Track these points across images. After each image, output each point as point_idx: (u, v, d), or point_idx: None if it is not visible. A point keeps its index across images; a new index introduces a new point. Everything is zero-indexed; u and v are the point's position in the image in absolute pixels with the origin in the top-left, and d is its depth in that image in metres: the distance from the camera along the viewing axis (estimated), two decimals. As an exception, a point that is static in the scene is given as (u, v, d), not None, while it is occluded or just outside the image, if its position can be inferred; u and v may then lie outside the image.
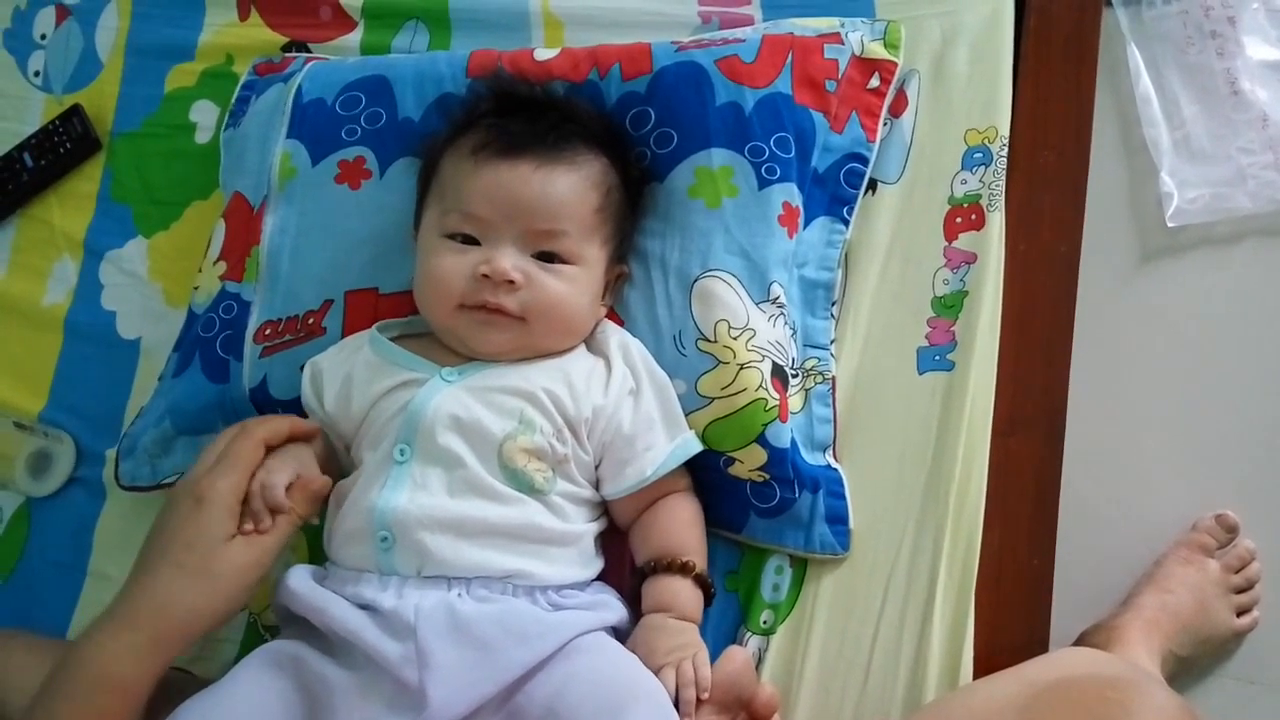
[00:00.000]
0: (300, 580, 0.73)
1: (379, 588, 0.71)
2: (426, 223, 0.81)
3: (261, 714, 0.67)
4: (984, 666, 0.75)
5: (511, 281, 0.75)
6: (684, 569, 0.76)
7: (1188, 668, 0.96)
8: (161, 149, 1.09)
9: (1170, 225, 1.08)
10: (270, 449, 0.76)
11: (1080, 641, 0.95)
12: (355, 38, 1.07)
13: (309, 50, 1.08)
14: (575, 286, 0.78)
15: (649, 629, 0.75)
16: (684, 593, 0.76)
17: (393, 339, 0.82)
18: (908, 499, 0.81)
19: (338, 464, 0.82)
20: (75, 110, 1.11)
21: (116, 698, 0.67)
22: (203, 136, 1.08)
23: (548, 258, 0.77)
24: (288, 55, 1.07)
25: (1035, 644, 0.79)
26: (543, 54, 0.93)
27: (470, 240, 0.77)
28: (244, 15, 1.11)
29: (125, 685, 0.67)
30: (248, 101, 1.01)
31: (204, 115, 1.08)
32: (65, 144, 1.11)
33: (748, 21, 0.98)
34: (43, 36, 1.18)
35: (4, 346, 1.07)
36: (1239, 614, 0.98)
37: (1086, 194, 0.91)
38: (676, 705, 0.69)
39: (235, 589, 0.71)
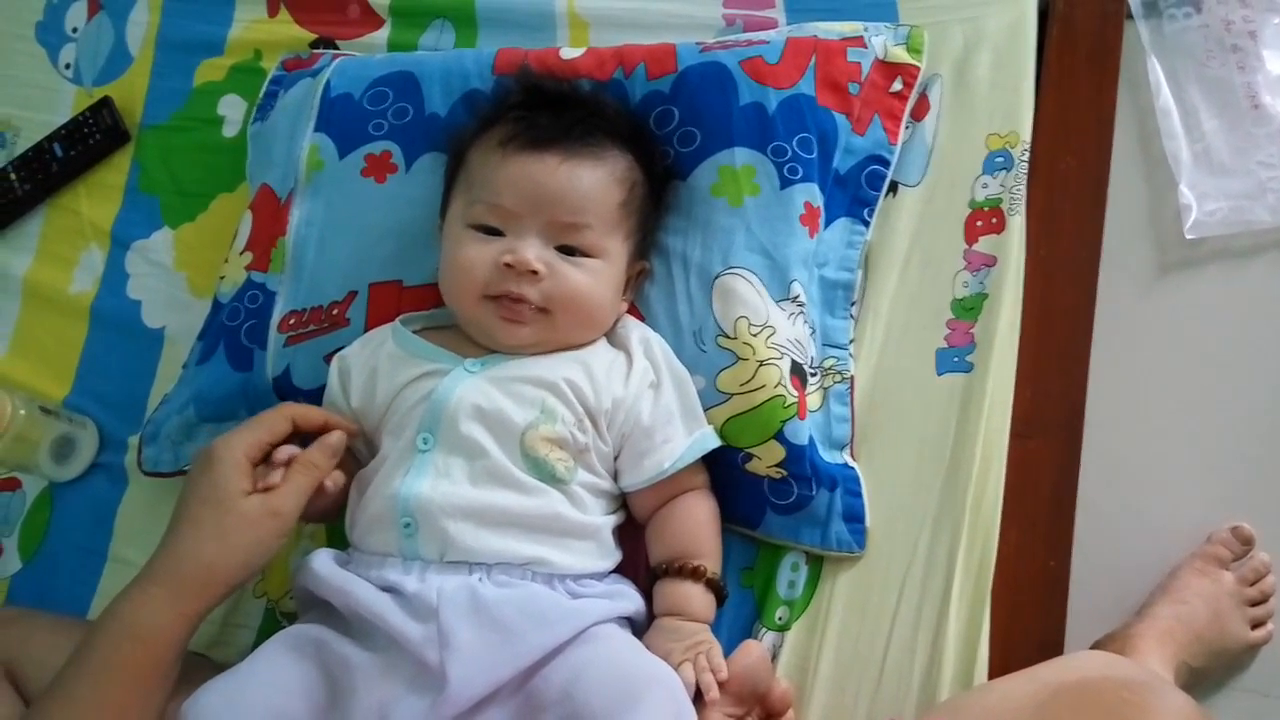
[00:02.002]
0: (323, 563, 0.74)
1: (402, 571, 0.72)
2: (452, 213, 0.81)
3: (283, 695, 0.68)
4: (999, 668, 0.76)
5: (534, 271, 0.76)
6: (695, 574, 0.77)
7: (1201, 679, 0.96)
8: (189, 142, 1.11)
9: (1189, 237, 1.08)
10: (299, 431, 0.77)
11: (1094, 649, 0.95)
12: (382, 35, 1.09)
13: (336, 47, 1.09)
14: (597, 279, 0.78)
15: (663, 631, 0.75)
16: (696, 597, 0.77)
17: (416, 331, 0.83)
18: (925, 499, 0.81)
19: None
20: (105, 102, 1.13)
21: (140, 648, 0.68)
22: (230, 130, 1.09)
23: (570, 251, 0.78)
24: (315, 51, 1.08)
25: (1050, 646, 0.79)
26: (569, 53, 0.94)
27: (495, 231, 0.78)
28: (273, 12, 1.13)
29: (148, 636, 0.68)
30: (275, 96, 1.03)
31: (232, 109, 1.10)
32: (95, 135, 1.12)
33: (772, 24, 1.00)
34: (74, 29, 1.20)
35: (31, 333, 1.08)
36: (1253, 627, 0.97)
37: (1107, 203, 0.92)
38: (695, 702, 0.70)
39: (248, 542, 0.71)
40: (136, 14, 1.17)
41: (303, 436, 0.78)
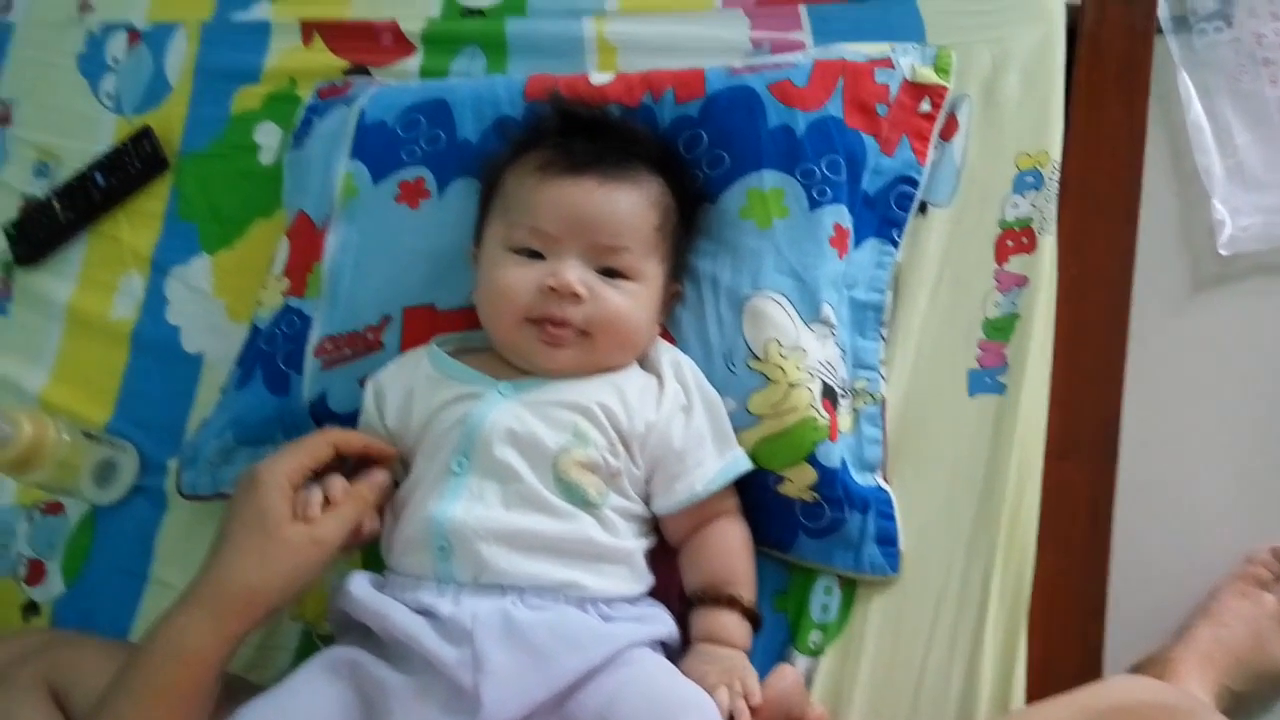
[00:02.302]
0: (360, 586, 0.75)
1: (437, 594, 0.72)
2: (490, 237, 0.82)
3: (321, 717, 0.68)
4: (1036, 692, 0.75)
5: (576, 294, 0.76)
6: (729, 602, 0.77)
7: (1243, 704, 0.94)
8: (227, 169, 1.13)
9: (1223, 253, 1.06)
10: (340, 456, 0.78)
11: (1133, 673, 0.94)
12: (414, 62, 1.11)
13: (370, 74, 1.11)
14: (636, 302, 0.79)
15: (699, 656, 0.75)
16: (731, 625, 0.77)
17: (450, 353, 0.84)
18: (958, 521, 0.81)
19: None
20: (145, 131, 1.16)
21: (183, 669, 0.69)
22: (267, 157, 1.11)
23: (609, 273, 0.79)
24: (349, 79, 1.10)
25: (1088, 671, 0.78)
26: (598, 78, 0.95)
27: (535, 255, 0.79)
28: (307, 40, 1.15)
29: (191, 657, 0.69)
30: (311, 123, 1.04)
31: (268, 136, 1.12)
32: (135, 163, 1.15)
33: (799, 47, 1.00)
34: (115, 60, 1.23)
35: (74, 359, 1.11)
36: (1295, 649, 0.96)
37: (1139, 220, 0.91)
38: None
39: (290, 568, 0.71)
40: (175, 44, 1.20)
41: (344, 462, 0.79)
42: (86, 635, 0.89)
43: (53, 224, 1.15)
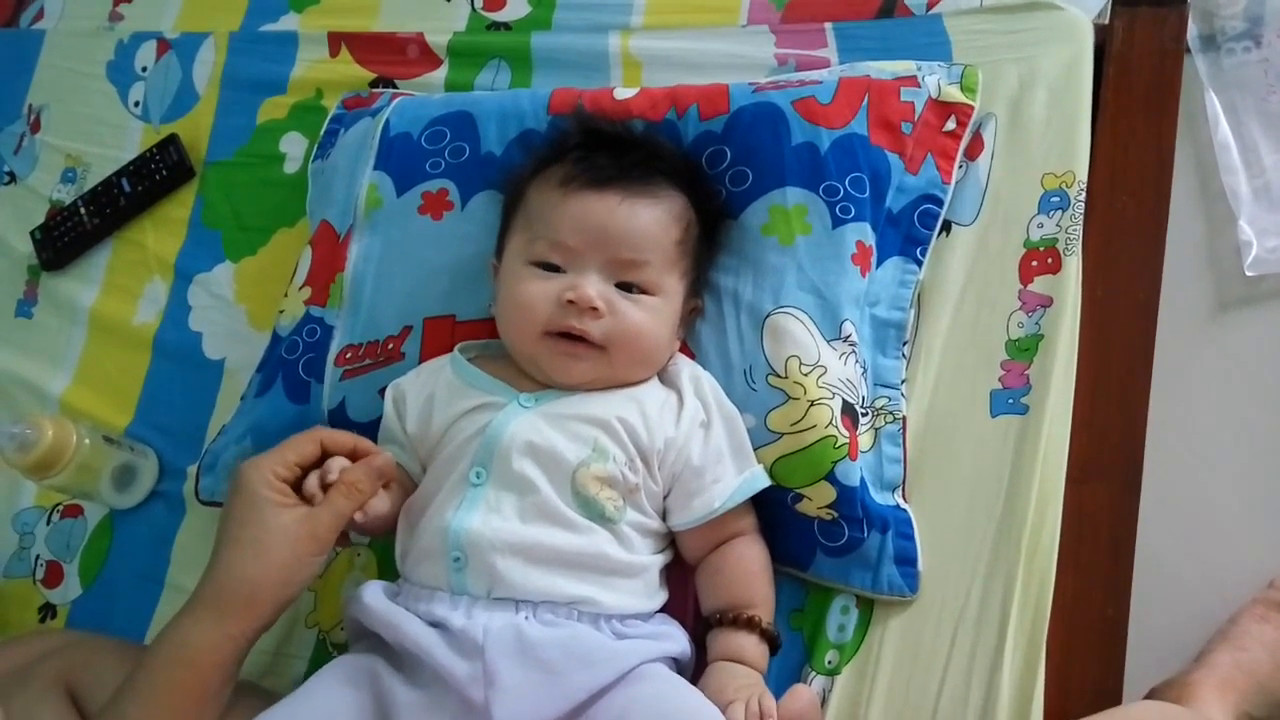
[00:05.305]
0: (374, 595, 0.75)
1: (450, 606, 0.72)
2: (511, 250, 0.82)
3: None
4: (1054, 717, 0.74)
5: (595, 308, 0.76)
6: (749, 624, 0.77)
7: (1263, 730, 0.93)
8: (252, 178, 1.14)
9: (1249, 274, 1.06)
10: (327, 453, 0.77)
11: (1151, 697, 0.93)
12: (440, 75, 1.11)
13: (395, 86, 1.12)
14: (655, 317, 0.79)
15: (716, 674, 0.75)
16: (749, 648, 0.76)
17: (472, 359, 0.84)
18: (978, 543, 0.80)
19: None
20: (172, 139, 1.17)
21: (187, 671, 0.69)
22: (291, 167, 1.12)
23: (628, 288, 0.79)
24: (375, 90, 1.11)
25: (1108, 695, 0.77)
26: (622, 93, 0.95)
27: (555, 269, 0.79)
28: (334, 52, 1.16)
29: (194, 658, 0.69)
30: (336, 134, 1.05)
31: (293, 146, 1.13)
32: (161, 171, 1.16)
33: (824, 64, 1.00)
34: (143, 69, 1.24)
35: (96, 363, 1.12)
36: (1318, 676, 0.94)
37: (1165, 240, 0.91)
38: None
39: (286, 556, 0.71)
40: (203, 54, 1.22)
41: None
42: (103, 636, 0.89)
43: (79, 229, 1.17)
